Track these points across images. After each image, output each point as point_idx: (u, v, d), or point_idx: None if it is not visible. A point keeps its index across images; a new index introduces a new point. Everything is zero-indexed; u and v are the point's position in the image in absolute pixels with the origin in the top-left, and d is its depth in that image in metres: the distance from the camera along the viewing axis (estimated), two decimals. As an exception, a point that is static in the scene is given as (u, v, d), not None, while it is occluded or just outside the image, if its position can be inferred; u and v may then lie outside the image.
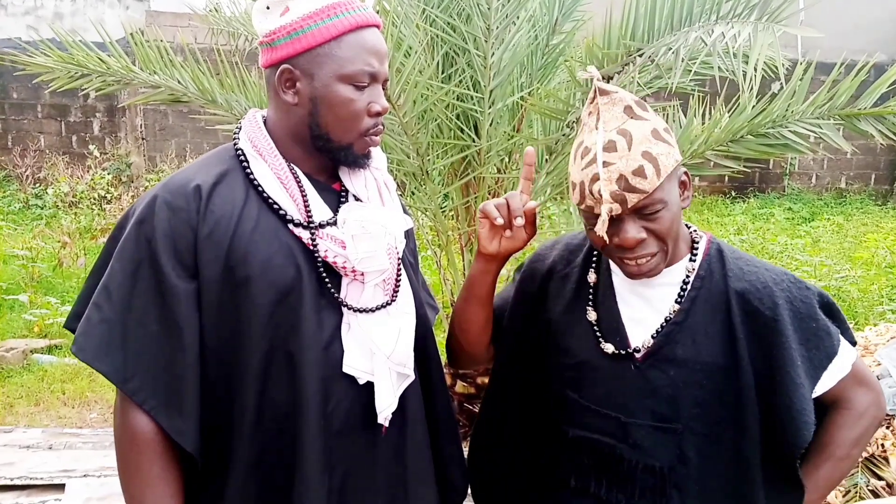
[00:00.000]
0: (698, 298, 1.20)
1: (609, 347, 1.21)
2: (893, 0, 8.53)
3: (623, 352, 1.20)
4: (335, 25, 1.11)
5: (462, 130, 2.72)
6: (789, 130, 2.51)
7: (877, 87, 2.38)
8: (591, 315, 1.24)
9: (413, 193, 2.96)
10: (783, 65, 1.66)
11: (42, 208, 7.31)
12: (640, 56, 1.88)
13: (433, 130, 2.73)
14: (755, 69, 1.59)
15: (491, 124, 2.70)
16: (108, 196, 7.18)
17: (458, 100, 2.68)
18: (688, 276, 1.21)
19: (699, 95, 2.68)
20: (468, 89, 2.67)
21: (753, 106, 2.45)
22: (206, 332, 1.11)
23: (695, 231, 1.25)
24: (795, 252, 6.04)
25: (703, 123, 2.56)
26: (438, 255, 3.19)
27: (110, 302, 1.09)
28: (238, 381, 1.11)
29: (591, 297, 1.26)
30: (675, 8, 1.77)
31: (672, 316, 1.20)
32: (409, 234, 1.30)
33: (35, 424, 3.39)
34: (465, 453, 1.42)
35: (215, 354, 1.11)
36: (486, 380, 3.11)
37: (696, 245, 1.23)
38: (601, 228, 1.10)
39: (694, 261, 1.22)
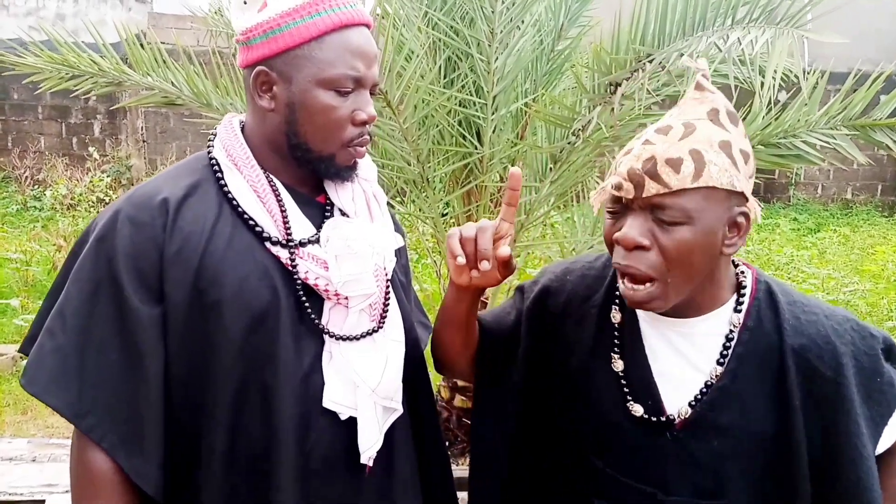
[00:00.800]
0: (746, 356, 1.01)
1: (638, 410, 1.03)
2: (902, 10, 8.45)
3: (656, 418, 1.03)
4: (316, 24, 1.01)
5: (464, 137, 2.65)
6: (802, 141, 2.43)
7: (893, 97, 2.30)
8: (618, 365, 1.05)
9: (414, 201, 2.88)
10: (792, 73, 1.58)
11: (40, 210, 7.24)
12: (650, 62, 1.79)
13: (434, 137, 2.65)
14: (773, 76, 1.51)
15: (494, 131, 2.62)
16: (107, 199, 7.11)
17: (460, 105, 2.61)
18: (732, 331, 1.02)
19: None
20: (471, 95, 2.59)
21: (764, 116, 2.37)
22: (171, 362, 1.01)
23: (741, 271, 1.05)
24: (802, 264, 5.95)
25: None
26: (439, 265, 3.10)
27: (65, 328, 0.99)
28: (207, 416, 1.01)
29: (616, 340, 1.07)
30: (688, 11, 1.69)
31: (715, 379, 1.01)
32: (400, 251, 1.20)
33: (21, 434, 3.31)
34: (463, 472, 1.29)
35: (182, 386, 1.01)
36: (486, 394, 3.04)
37: (742, 289, 1.03)
38: (596, 197, 0.96)
39: (740, 311, 1.02)
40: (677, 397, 1.03)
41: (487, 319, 1.20)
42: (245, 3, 1.04)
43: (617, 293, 1.08)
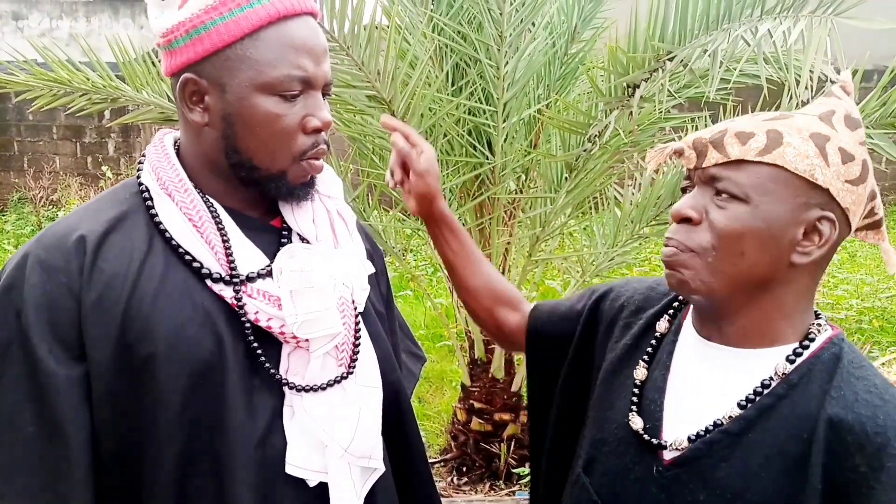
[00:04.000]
0: (773, 411, 0.83)
1: (637, 423, 0.90)
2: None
3: (650, 438, 0.88)
4: (247, 17, 0.84)
5: (474, 147, 2.54)
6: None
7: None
8: (640, 373, 0.93)
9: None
10: (843, 65, 1.43)
11: (55, 230, 7.24)
12: (671, 60, 1.65)
13: (443, 147, 2.54)
14: (811, 71, 1.36)
15: (505, 140, 2.51)
16: (121, 217, 7.10)
17: (469, 114, 2.50)
18: (772, 379, 0.84)
19: (732, 105, 2.46)
20: (480, 102, 2.48)
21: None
22: (100, 432, 0.84)
23: (819, 324, 0.88)
24: (832, 268, 5.73)
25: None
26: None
27: None
28: (148, 496, 0.86)
29: (650, 349, 0.95)
30: (712, 4, 1.55)
31: (726, 421, 0.85)
32: (378, 276, 1.06)
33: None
34: (481, 501, 1.18)
35: (115, 460, 0.86)
36: (505, 416, 2.91)
37: (809, 339, 0.86)
38: (653, 156, 0.90)
39: (793, 360, 0.84)
40: (680, 428, 0.88)
41: (543, 309, 1.15)
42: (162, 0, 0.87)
43: (673, 305, 0.97)
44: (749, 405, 0.84)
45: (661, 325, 0.95)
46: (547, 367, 1.11)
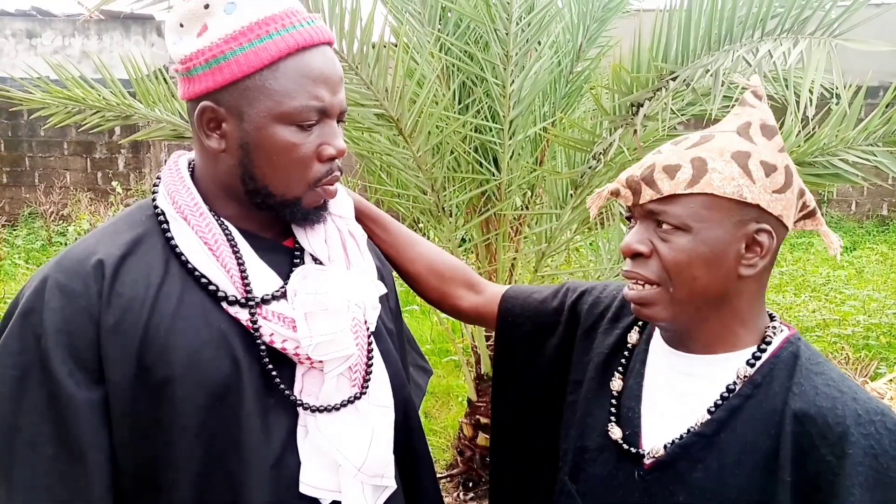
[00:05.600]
0: (741, 412, 0.88)
1: (617, 433, 0.95)
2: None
3: (629, 448, 0.93)
4: (267, 49, 0.85)
5: (480, 164, 2.57)
6: (839, 159, 2.30)
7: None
8: (616, 384, 0.99)
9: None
10: (832, 87, 1.46)
11: (64, 245, 7.29)
12: (674, 80, 1.68)
13: (449, 164, 2.57)
14: (811, 91, 1.39)
15: (511, 157, 2.54)
16: (130, 232, 7.15)
17: (475, 131, 2.53)
18: (736, 382, 0.89)
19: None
20: (486, 120, 2.51)
21: (797, 134, 2.25)
22: (118, 453, 0.86)
23: (774, 326, 0.92)
24: (839, 284, 5.72)
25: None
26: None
27: None
28: None
29: (623, 361, 1.00)
30: (713, 25, 1.58)
31: (699, 426, 0.89)
32: (387, 294, 1.07)
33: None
34: None
35: (133, 481, 0.87)
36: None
37: (766, 341, 0.91)
38: (593, 200, 0.96)
39: (753, 364, 0.89)
40: (657, 434, 0.93)
41: (516, 299, 1.16)
42: (181, 25, 0.88)
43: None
44: (717, 409, 0.89)
45: (633, 337, 1.01)
46: (517, 353, 1.16)
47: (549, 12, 2.43)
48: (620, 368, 1.00)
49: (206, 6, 0.87)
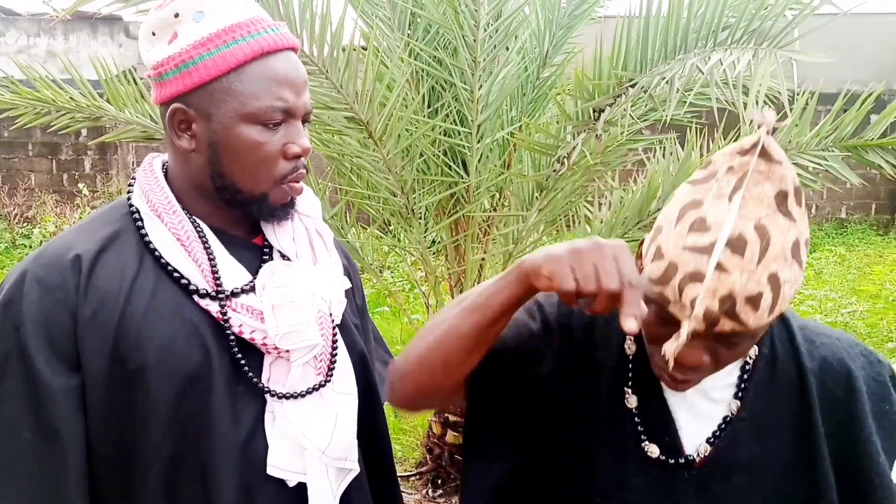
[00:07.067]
0: (764, 385, 0.94)
1: (654, 451, 0.95)
2: (886, 29, 8.52)
3: (673, 461, 0.94)
4: (233, 53, 0.90)
5: (449, 167, 2.61)
6: (793, 163, 2.40)
7: (884, 118, 2.27)
8: (631, 401, 0.96)
9: (401, 232, 2.83)
10: (781, 94, 1.55)
11: (29, 248, 7.18)
12: (633, 87, 1.75)
13: (419, 167, 2.61)
14: (756, 99, 1.47)
15: (480, 160, 2.59)
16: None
17: (444, 135, 2.57)
18: (748, 361, 0.94)
19: (697, 127, 2.57)
20: (455, 124, 2.56)
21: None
22: (94, 438, 0.90)
23: None
24: (799, 285, 5.88)
25: (702, 157, 2.44)
26: (427, 296, 3.04)
27: None
28: (138, 497, 0.91)
29: (630, 374, 0.97)
30: (669, 35, 1.65)
31: (734, 413, 0.94)
32: (353, 290, 1.12)
33: None
34: None
35: (108, 464, 0.91)
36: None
37: None
38: (671, 349, 0.80)
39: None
40: (695, 434, 0.95)
41: (507, 332, 1.00)
42: (154, 34, 0.94)
43: None
44: (742, 391, 0.95)
45: (631, 348, 0.98)
46: (510, 382, 1.01)
47: (517, 19, 2.49)
48: (629, 385, 0.97)
49: (177, 15, 0.92)
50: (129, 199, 0.98)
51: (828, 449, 0.93)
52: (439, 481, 2.94)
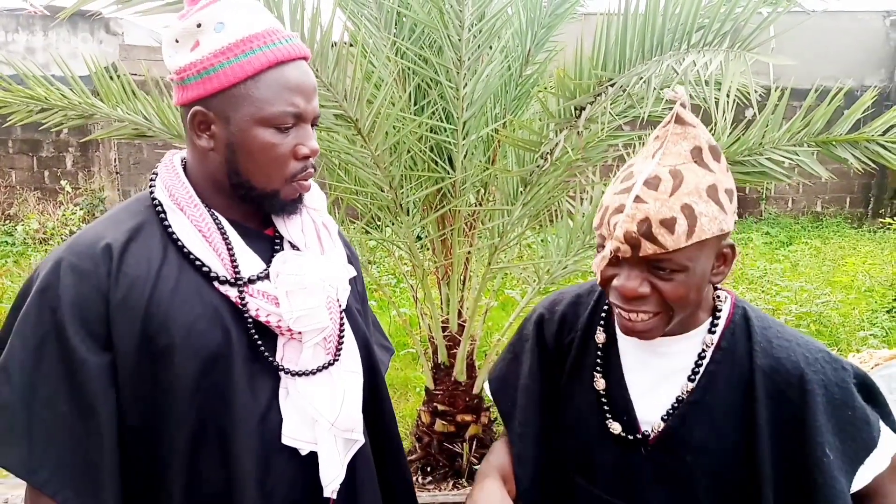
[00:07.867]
0: (717, 374, 1.05)
1: (616, 427, 1.08)
2: (860, 27, 8.71)
3: (632, 436, 1.07)
4: (250, 62, 0.98)
5: (436, 162, 2.68)
6: (766, 158, 2.49)
7: (852, 113, 2.37)
8: (600, 383, 1.10)
9: (389, 227, 2.89)
10: (756, 92, 1.64)
11: (11, 245, 7.14)
12: (612, 86, 1.84)
13: (406, 163, 2.68)
14: (728, 97, 1.56)
15: (465, 156, 2.66)
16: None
17: (431, 132, 2.64)
18: (704, 350, 1.06)
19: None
20: (441, 121, 2.63)
21: (729, 134, 2.43)
22: (124, 410, 0.99)
23: (718, 296, 1.09)
24: (775, 277, 6.04)
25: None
26: (415, 289, 3.11)
27: (10, 384, 0.96)
28: (164, 463, 1.00)
29: (598, 360, 1.11)
30: (646, 37, 1.74)
31: (686, 395, 1.05)
32: (355, 277, 1.21)
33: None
34: (445, 497, 1.31)
35: (137, 434, 1.00)
36: (467, 417, 3.04)
37: (718, 312, 1.08)
38: (597, 264, 0.98)
39: (714, 332, 1.07)
40: (651, 413, 1.07)
41: (495, 385, 1.23)
42: (177, 41, 1.02)
43: (602, 315, 1.14)
44: (697, 376, 1.05)
45: (600, 337, 1.13)
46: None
47: (500, 19, 2.56)
48: (598, 368, 1.11)
49: (199, 25, 1.00)
50: (151, 192, 1.06)
51: (771, 443, 1.01)
52: (429, 468, 3.01)
